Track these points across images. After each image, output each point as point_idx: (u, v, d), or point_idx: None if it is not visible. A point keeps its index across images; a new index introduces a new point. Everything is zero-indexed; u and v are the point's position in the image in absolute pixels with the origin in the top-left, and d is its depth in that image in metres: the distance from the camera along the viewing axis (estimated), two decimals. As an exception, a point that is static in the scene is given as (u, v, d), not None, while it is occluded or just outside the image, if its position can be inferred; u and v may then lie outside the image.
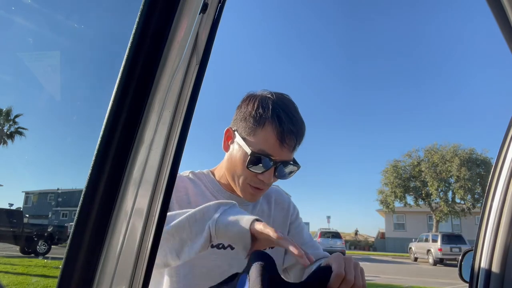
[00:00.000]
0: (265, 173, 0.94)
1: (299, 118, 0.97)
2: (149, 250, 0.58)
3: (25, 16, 1.12)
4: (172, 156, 0.60)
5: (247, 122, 0.96)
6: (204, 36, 0.63)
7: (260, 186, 0.97)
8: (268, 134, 0.93)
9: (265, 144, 0.93)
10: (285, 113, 0.94)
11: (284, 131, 0.92)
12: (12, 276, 8.09)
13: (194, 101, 0.62)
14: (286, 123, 0.93)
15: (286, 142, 0.93)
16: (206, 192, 1.07)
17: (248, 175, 0.97)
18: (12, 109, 3.36)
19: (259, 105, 0.96)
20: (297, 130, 0.95)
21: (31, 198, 26.77)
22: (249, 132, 0.95)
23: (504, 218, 1.10)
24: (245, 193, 1.00)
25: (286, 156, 0.94)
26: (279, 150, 0.93)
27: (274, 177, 0.96)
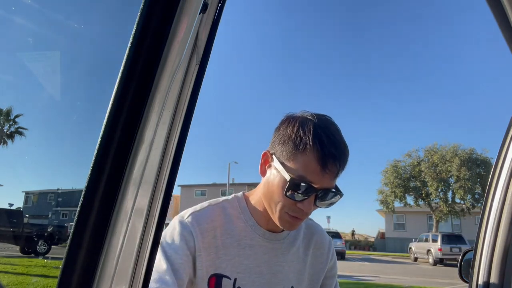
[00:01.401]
0: (304, 201, 0.88)
1: (342, 142, 0.91)
2: (149, 250, 0.58)
3: (25, 16, 1.12)
4: (172, 156, 0.60)
5: (286, 146, 0.90)
6: (204, 36, 0.63)
7: (298, 215, 0.91)
8: (309, 160, 0.86)
9: (306, 170, 0.87)
10: (327, 137, 0.88)
11: (326, 156, 0.86)
12: (12, 276, 8.10)
13: (194, 101, 0.62)
14: (328, 148, 0.86)
15: (328, 168, 0.86)
16: (237, 230, 0.99)
17: (286, 203, 0.90)
18: (12, 109, 3.37)
19: (299, 128, 0.90)
20: (340, 155, 0.88)
21: (31, 198, 26.78)
22: (289, 157, 0.89)
23: (504, 218, 1.10)
24: (282, 221, 0.93)
25: (328, 183, 0.88)
26: (321, 177, 0.87)
27: (314, 205, 0.90)
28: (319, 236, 1.12)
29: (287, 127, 0.93)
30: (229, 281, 0.95)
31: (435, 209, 27.50)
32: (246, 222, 1.00)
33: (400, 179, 28.00)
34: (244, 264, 0.97)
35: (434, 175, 26.61)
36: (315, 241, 1.10)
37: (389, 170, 28.64)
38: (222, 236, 0.97)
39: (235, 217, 1.00)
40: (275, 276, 1.00)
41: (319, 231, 1.13)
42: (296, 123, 0.92)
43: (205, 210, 1.00)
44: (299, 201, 0.88)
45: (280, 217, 0.93)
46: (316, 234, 1.11)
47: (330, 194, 0.90)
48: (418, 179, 27.64)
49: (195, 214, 0.98)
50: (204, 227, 0.96)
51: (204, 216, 0.98)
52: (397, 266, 19.39)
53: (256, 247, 0.99)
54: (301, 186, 0.86)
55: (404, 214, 32.91)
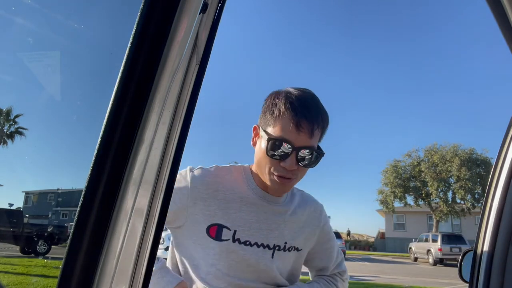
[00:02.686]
0: (286, 159, 0.97)
1: (316, 105, 1.01)
2: (149, 250, 0.58)
3: (25, 16, 1.12)
4: (172, 156, 0.60)
5: (267, 115, 1.02)
6: (204, 36, 0.63)
7: (284, 174, 0.99)
8: (285, 122, 0.97)
9: (283, 131, 0.97)
10: (299, 101, 0.98)
11: (299, 116, 0.96)
12: (12, 276, 8.09)
13: (194, 101, 0.62)
14: (300, 109, 0.96)
15: (302, 126, 0.96)
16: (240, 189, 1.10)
17: (271, 164, 1.00)
18: (12, 109, 3.38)
19: (274, 98, 1.02)
20: (313, 115, 0.97)
21: (31, 198, 26.78)
22: (269, 124, 1.00)
23: (504, 218, 1.10)
24: (272, 183, 1.02)
25: (305, 141, 0.97)
26: (296, 135, 0.96)
27: (298, 164, 0.98)
28: (311, 203, 1.23)
29: (266, 101, 1.06)
30: (229, 232, 1.05)
31: (435, 209, 27.49)
32: (248, 185, 1.11)
33: (400, 179, 27.99)
34: (244, 219, 1.07)
35: (434, 175, 26.60)
36: (309, 205, 1.22)
37: (389, 170, 28.63)
38: (226, 191, 1.08)
39: (239, 179, 1.12)
40: (271, 232, 1.10)
41: (311, 199, 1.25)
42: (273, 96, 1.05)
43: (212, 169, 1.12)
44: (282, 160, 0.97)
45: (270, 179, 1.02)
46: (309, 201, 1.23)
47: (310, 151, 0.98)
48: (418, 179, 27.64)
49: (201, 170, 1.10)
50: (207, 180, 1.07)
51: (209, 171, 1.10)
52: (397, 266, 19.38)
53: (257, 205, 1.09)
54: (280, 145, 0.96)
55: (404, 214, 32.91)
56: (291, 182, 1.02)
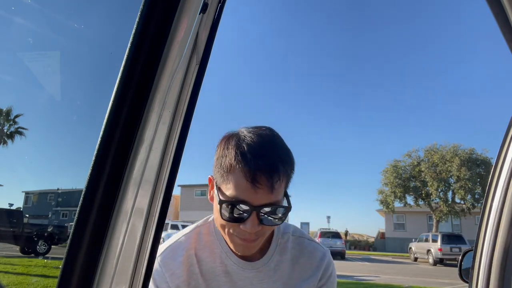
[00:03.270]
0: (246, 222, 0.82)
1: (274, 151, 0.84)
2: (149, 250, 0.58)
3: (25, 16, 1.12)
4: (172, 156, 0.60)
5: (218, 168, 0.86)
6: (204, 36, 0.63)
7: (246, 237, 0.85)
8: (237, 178, 0.81)
9: (237, 190, 0.81)
10: (252, 150, 0.82)
11: (253, 171, 0.80)
12: (12, 276, 8.09)
13: (194, 101, 0.62)
14: (253, 161, 0.80)
15: (259, 182, 0.79)
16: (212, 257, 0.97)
17: (230, 226, 0.86)
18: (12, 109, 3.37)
19: (225, 147, 0.86)
20: (270, 165, 0.81)
21: (31, 198, 26.77)
22: (222, 180, 0.85)
23: (504, 218, 1.10)
24: (235, 246, 0.89)
25: (266, 198, 0.81)
26: (254, 193, 0.80)
27: (260, 225, 0.83)
28: (306, 258, 1.03)
29: (218, 148, 0.90)
30: None
31: (435, 209, 27.50)
32: (221, 248, 0.97)
33: (400, 179, 28.00)
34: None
35: (434, 175, 26.61)
36: (302, 263, 1.02)
37: (389, 170, 28.64)
38: (199, 263, 0.96)
39: (210, 243, 0.98)
40: None
41: (308, 251, 1.03)
42: (223, 142, 0.88)
43: (179, 242, 0.98)
44: (241, 223, 0.83)
45: (232, 241, 0.89)
46: (303, 255, 1.03)
47: (273, 209, 0.83)
48: (418, 179, 27.64)
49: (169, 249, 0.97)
50: (179, 260, 0.95)
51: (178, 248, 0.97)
52: (397, 266, 19.39)
53: (231, 274, 0.96)
54: (236, 206, 0.82)
55: (404, 214, 32.93)
56: (257, 242, 0.88)
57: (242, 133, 0.87)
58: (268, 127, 0.91)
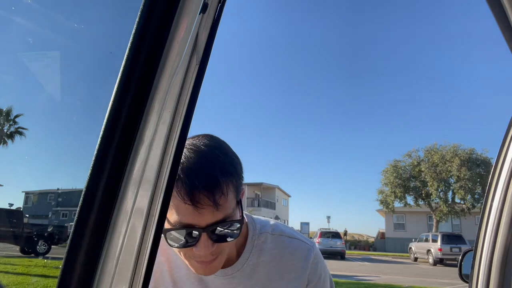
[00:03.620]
0: (198, 245, 0.75)
1: (211, 165, 0.76)
2: (149, 250, 0.58)
3: (25, 16, 1.12)
4: (172, 156, 0.60)
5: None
6: (204, 36, 0.63)
7: (203, 259, 0.79)
8: (176, 202, 0.74)
9: (180, 214, 0.74)
10: (186, 168, 0.74)
11: (189, 192, 0.72)
12: (12, 276, 8.09)
13: (194, 101, 0.62)
14: (189, 181, 0.73)
15: (199, 202, 0.72)
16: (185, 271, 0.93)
17: (183, 251, 0.80)
18: (12, 109, 3.36)
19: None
20: (208, 182, 0.73)
21: (31, 198, 26.79)
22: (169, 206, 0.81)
23: (504, 218, 1.10)
24: (196, 269, 0.82)
25: (212, 217, 0.74)
26: (198, 215, 0.73)
27: (214, 244, 0.77)
28: (288, 258, 0.95)
29: None
30: None
31: (435, 209, 27.50)
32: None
33: (400, 179, 28.00)
34: None
35: (434, 175, 26.61)
36: (284, 264, 0.94)
37: (389, 170, 28.65)
38: (172, 270, 0.92)
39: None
40: None
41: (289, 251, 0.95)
42: None
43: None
44: (193, 246, 0.76)
45: (191, 265, 0.82)
46: (284, 255, 0.95)
47: (222, 226, 0.76)
48: (418, 179, 27.65)
49: None
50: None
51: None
52: (397, 266, 19.39)
53: (205, 281, 0.91)
54: (181, 232, 0.75)
55: (404, 214, 32.94)
56: (218, 260, 0.81)
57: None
58: (206, 136, 0.83)
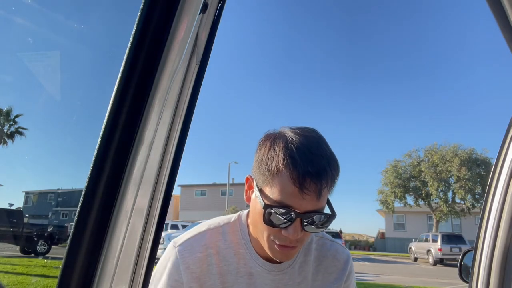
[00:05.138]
0: (288, 228, 0.79)
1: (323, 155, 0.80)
2: (149, 250, 0.58)
3: (25, 16, 1.12)
4: (172, 156, 0.60)
5: (262, 170, 0.82)
6: (204, 36, 0.63)
7: (287, 243, 0.82)
8: (284, 182, 0.78)
9: (283, 194, 0.78)
10: (301, 153, 0.78)
11: (301, 176, 0.76)
12: (12, 276, 8.09)
13: (194, 101, 0.63)
14: (302, 165, 0.76)
15: (307, 188, 0.76)
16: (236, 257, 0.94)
17: (270, 232, 0.82)
18: (12, 109, 3.36)
19: (271, 148, 0.82)
20: (319, 171, 0.77)
21: (31, 198, 26.81)
22: (265, 182, 0.81)
23: (504, 218, 1.10)
24: (272, 251, 0.85)
25: (312, 205, 0.78)
26: (300, 199, 0.77)
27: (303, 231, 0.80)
28: (330, 260, 1.01)
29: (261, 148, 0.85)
30: None
31: (435, 209, 27.51)
32: (246, 249, 0.94)
33: (400, 179, 28.00)
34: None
35: (434, 175, 26.61)
36: (325, 265, 1.00)
37: (389, 170, 28.64)
38: (220, 263, 0.93)
39: (235, 243, 0.95)
40: None
41: (331, 253, 1.02)
42: (268, 143, 0.84)
43: (201, 236, 0.95)
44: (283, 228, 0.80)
45: (270, 247, 0.85)
46: (327, 257, 1.01)
47: (317, 216, 0.80)
48: (418, 179, 27.65)
49: (189, 242, 0.93)
50: (197, 256, 0.92)
51: (198, 243, 0.93)
52: (397, 266, 19.40)
53: (255, 276, 0.93)
54: (280, 212, 0.78)
55: (404, 214, 32.95)
56: (296, 249, 0.85)
57: (288, 134, 0.83)
58: (313, 129, 0.87)
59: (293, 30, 51.96)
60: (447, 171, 26.38)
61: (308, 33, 50.48)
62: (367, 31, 46.42)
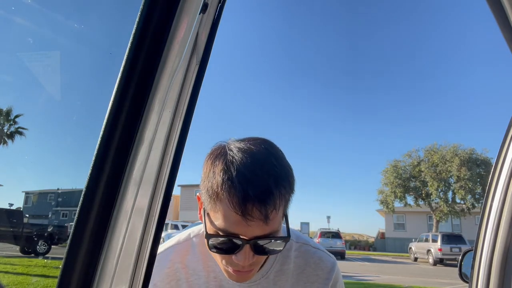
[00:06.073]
0: (238, 254, 0.73)
1: (269, 174, 0.71)
2: (149, 250, 0.58)
3: (25, 16, 1.12)
4: (172, 156, 0.60)
5: (205, 192, 0.75)
6: (204, 36, 0.63)
7: (239, 268, 0.76)
8: (225, 209, 0.70)
9: (227, 222, 0.71)
10: (241, 175, 0.69)
11: (241, 201, 0.68)
12: (12, 276, 8.10)
13: (194, 101, 0.63)
14: (241, 190, 0.68)
15: (250, 214, 0.68)
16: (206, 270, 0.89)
17: (221, 257, 0.77)
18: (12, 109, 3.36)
19: (211, 167, 0.74)
20: (263, 194, 0.69)
21: (31, 198, 26.82)
22: (210, 206, 0.74)
23: (504, 218, 1.10)
24: (229, 275, 0.81)
25: (260, 230, 0.71)
26: (245, 226, 0.70)
27: (255, 256, 0.74)
28: (312, 268, 0.94)
29: (204, 165, 0.77)
30: None
31: (435, 209, 27.52)
32: (215, 262, 0.87)
33: (400, 179, 28.01)
34: None
35: (434, 175, 26.62)
36: (307, 274, 0.93)
37: (389, 170, 28.66)
38: (190, 277, 0.89)
39: (205, 255, 0.90)
40: None
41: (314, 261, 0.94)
42: (210, 160, 0.75)
43: (169, 251, 0.92)
44: (233, 254, 0.74)
45: (224, 270, 0.81)
46: (309, 265, 0.94)
47: (267, 240, 0.73)
48: (418, 179, 27.66)
49: (159, 256, 0.89)
50: (165, 272, 0.88)
51: (165, 258, 0.90)
52: (397, 266, 19.40)
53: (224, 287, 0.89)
54: (226, 240, 0.72)
55: (404, 214, 32.95)
56: (253, 271, 0.80)
57: (230, 151, 0.74)
58: (262, 140, 0.79)
59: (293, 30, 51.98)
60: (447, 171, 26.39)
61: (308, 32, 50.50)
62: (367, 31, 46.45)
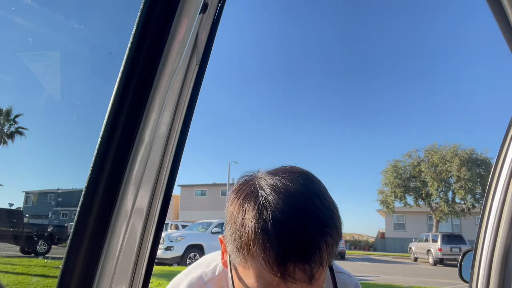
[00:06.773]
0: None
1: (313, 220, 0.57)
2: (149, 250, 0.58)
3: (25, 16, 1.12)
4: (172, 156, 0.60)
5: (233, 241, 0.60)
6: (204, 36, 0.63)
7: None
8: (259, 268, 0.57)
9: (261, 282, 0.57)
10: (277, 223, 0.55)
11: (280, 261, 0.54)
12: (12, 276, 8.09)
13: (194, 101, 0.63)
14: (280, 246, 0.54)
15: (291, 276, 0.55)
16: None
17: None
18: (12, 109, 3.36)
19: (240, 210, 0.59)
20: (306, 250, 0.55)
21: (31, 198, 26.80)
22: (239, 259, 0.60)
23: (504, 218, 1.10)
24: None
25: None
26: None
27: None
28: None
29: (231, 203, 0.63)
30: None
31: (435, 209, 27.52)
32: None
33: (400, 179, 28.01)
34: None
35: (434, 175, 26.62)
36: None
37: (389, 170, 28.66)
38: None
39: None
40: None
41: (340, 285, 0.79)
42: (238, 200, 0.61)
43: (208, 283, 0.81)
44: None
45: None
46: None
47: None
48: (418, 179, 27.66)
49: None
50: None
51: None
52: (397, 266, 19.40)
53: None
54: None
55: (404, 214, 32.96)
56: None
57: (262, 190, 0.59)
58: (299, 173, 0.64)
59: (294, 30, 51.95)
60: (447, 171, 26.39)
61: (309, 32, 50.48)
62: (366, 31, 46.44)
